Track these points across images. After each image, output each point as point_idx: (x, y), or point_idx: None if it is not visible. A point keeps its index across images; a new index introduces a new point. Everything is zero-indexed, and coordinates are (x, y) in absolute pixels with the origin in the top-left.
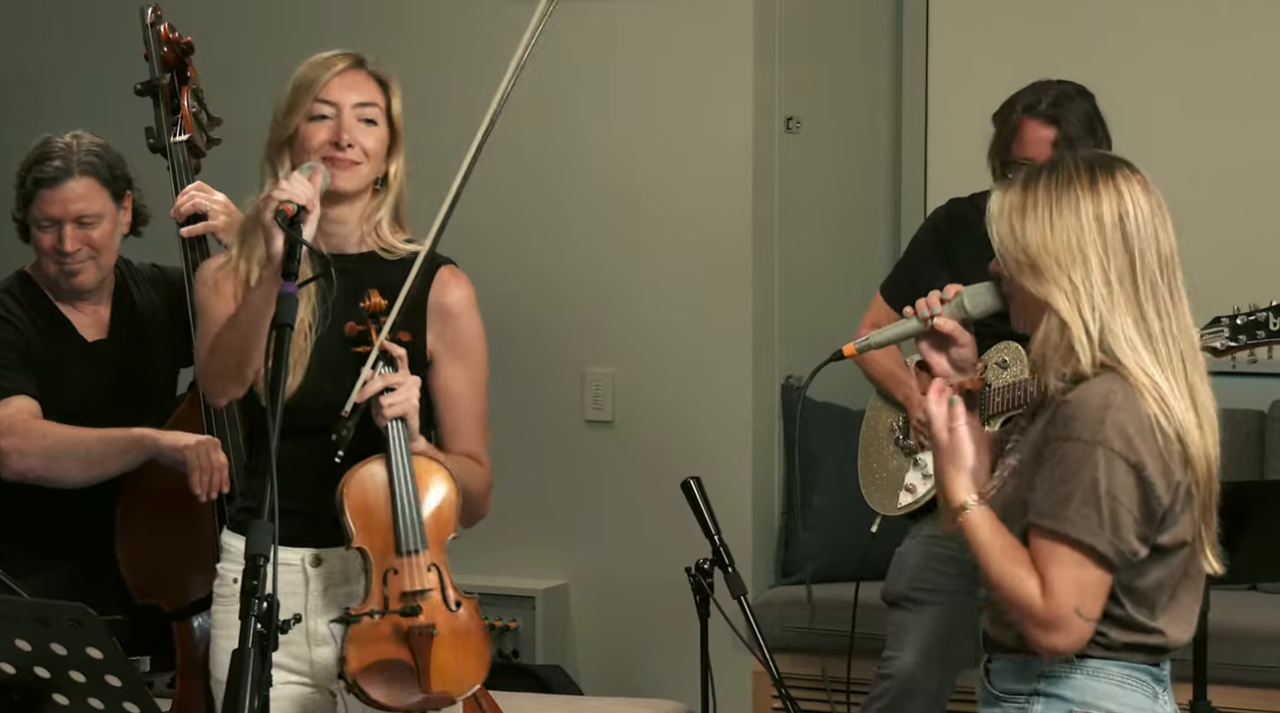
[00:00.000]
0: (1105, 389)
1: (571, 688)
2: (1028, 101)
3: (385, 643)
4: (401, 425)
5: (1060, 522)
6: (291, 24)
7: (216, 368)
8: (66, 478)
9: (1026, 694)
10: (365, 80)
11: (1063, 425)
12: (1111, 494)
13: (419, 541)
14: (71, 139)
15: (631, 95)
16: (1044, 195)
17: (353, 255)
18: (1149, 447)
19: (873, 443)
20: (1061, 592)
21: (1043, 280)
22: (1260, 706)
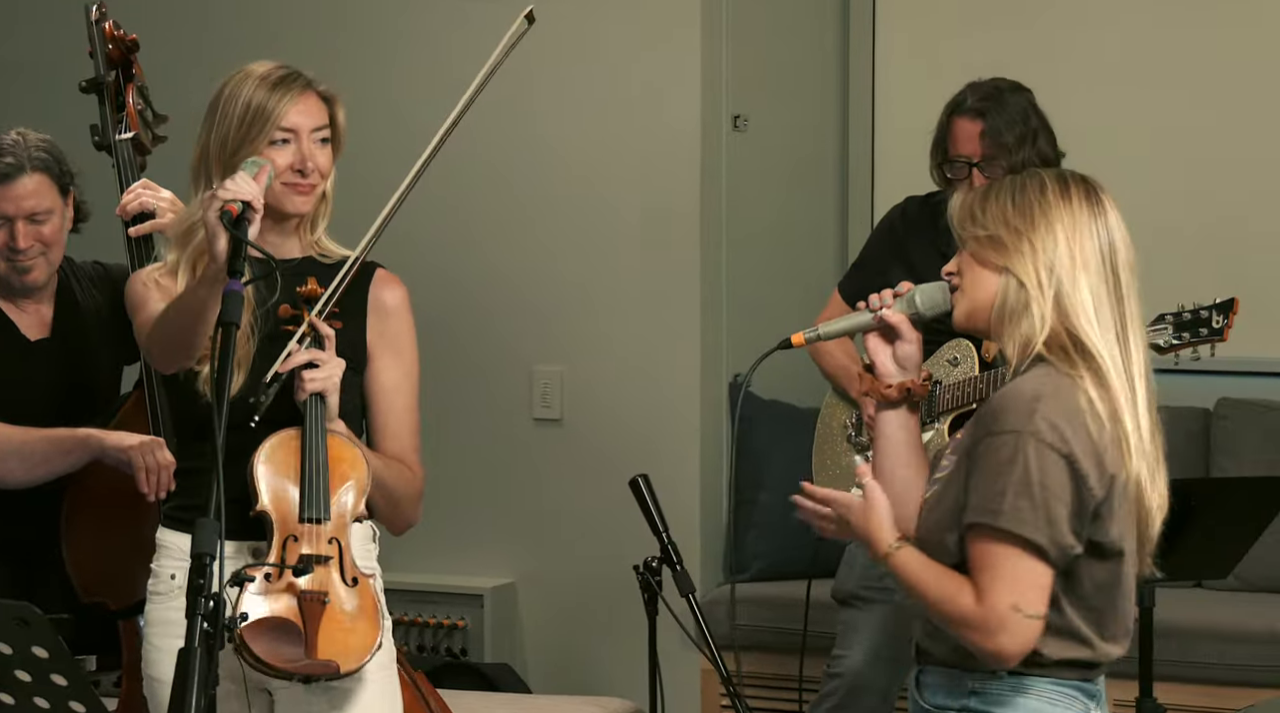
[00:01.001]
0: (1035, 382)
1: (520, 687)
2: (956, 101)
3: (278, 604)
4: (320, 402)
5: (995, 518)
6: (236, 21)
7: (160, 350)
8: (10, 478)
9: (956, 710)
10: (317, 102)
11: (991, 420)
12: (1044, 485)
13: (322, 510)
14: (18, 135)
15: (579, 94)
16: (1007, 185)
17: (291, 260)
18: (1080, 438)
19: (827, 439)
20: (996, 590)
21: (1002, 249)
22: (1206, 702)
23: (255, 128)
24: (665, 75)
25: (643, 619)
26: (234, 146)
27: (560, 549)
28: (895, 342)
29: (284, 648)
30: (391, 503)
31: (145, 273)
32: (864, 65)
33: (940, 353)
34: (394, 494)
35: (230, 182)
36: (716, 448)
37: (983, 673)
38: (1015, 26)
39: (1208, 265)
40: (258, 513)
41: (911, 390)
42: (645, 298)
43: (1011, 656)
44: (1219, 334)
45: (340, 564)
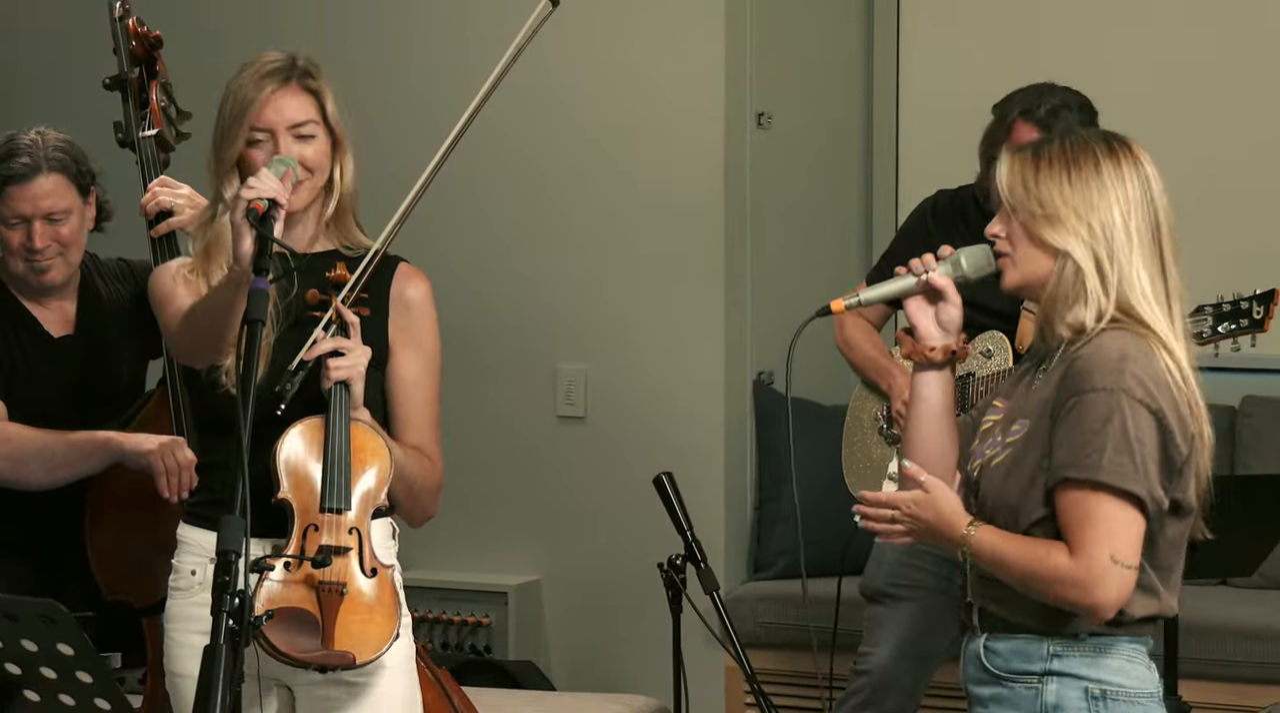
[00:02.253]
0: (1119, 343)
1: (544, 684)
2: (1026, 104)
3: (294, 592)
4: (344, 390)
5: (1098, 471)
6: (259, 16)
7: (188, 347)
8: (31, 481)
9: (1039, 674)
10: (295, 96)
11: (1080, 379)
12: (1140, 440)
13: (343, 500)
14: (36, 135)
15: (604, 93)
16: (1059, 155)
17: (316, 254)
18: (1166, 396)
19: (856, 433)
20: (1093, 541)
21: (1060, 229)
22: (1230, 700)
23: (235, 126)
24: (689, 74)
25: (667, 617)
26: (223, 143)
27: (584, 547)
28: (938, 304)
29: (300, 638)
30: (412, 494)
31: (170, 268)
32: (888, 62)
33: (973, 345)
34: (414, 485)
35: (255, 179)
36: (741, 445)
37: (1063, 637)
38: (1043, 22)
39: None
40: (278, 501)
41: (955, 353)
42: (669, 296)
43: (1110, 607)
44: (1260, 325)
45: (360, 555)
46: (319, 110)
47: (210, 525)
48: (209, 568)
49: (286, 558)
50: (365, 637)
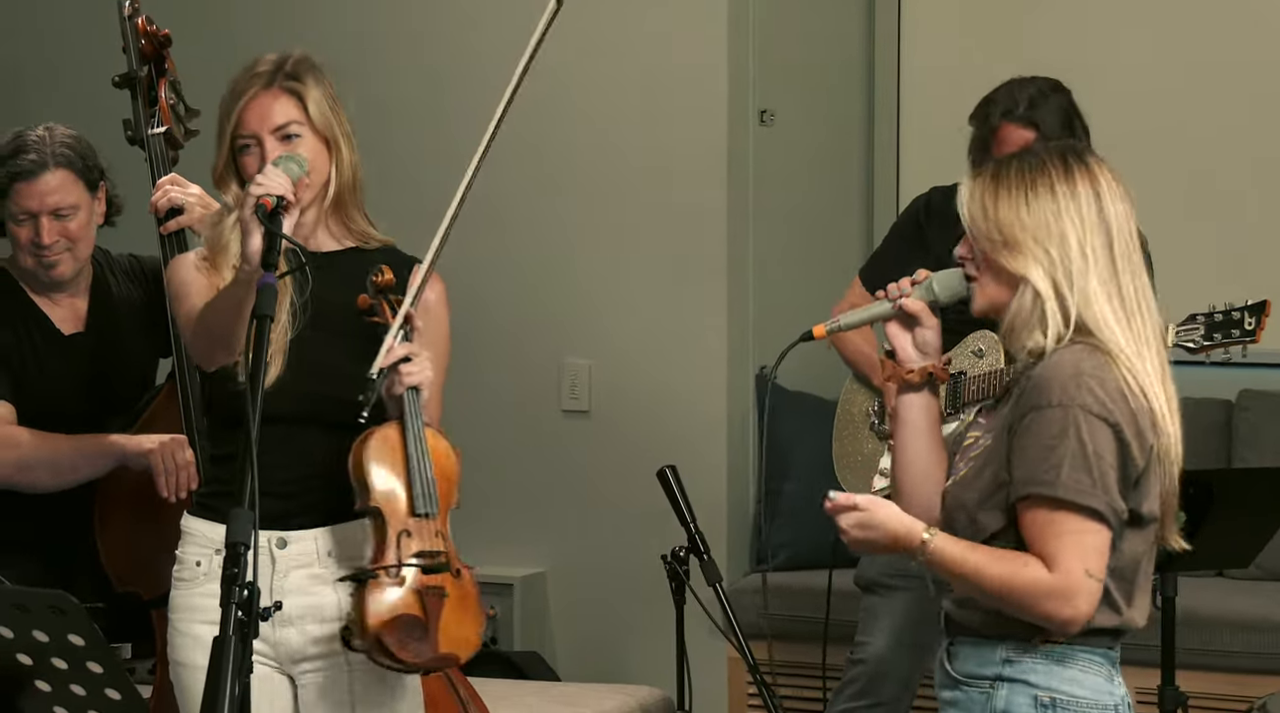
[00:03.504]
0: (1074, 357)
1: (549, 675)
2: (1005, 105)
3: (402, 600)
4: (415, 395)
5: (1055, 488)
6: (268, 15)
7: (201, 346)
8: (38, 486)
9: (990, 679)
10: (275, 99)
11: (1035, 395)
12: (1098, 454)
13: (432, 504)
14: (44, 132)
15: (608, 90)
16: (1016, 178)
17: (330, 253)
18: (1122, 408)
19: (848, 427)
20: (1069, 557)
21: (1018, 254)
22: (1227, 690)
23: (222, 134)
24: (693, 72)
25: (670, 608)
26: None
27: (589, 539)
28: (915, 328)
29: (415, 644)
30: None
31: (188, 260)
32: (889, 60)
33: (965, 344)
34: None
35: (263, 176)
36: (743, 439)
37: (1016, 642)
38: (1043, 20)
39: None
40: (368, 509)
41: (933, 375)
42: (672, 291)
43: (1081, 619)
44: (1250, 336)
45: (448, 557)
46: (302, 111)
47: (217, 518)
48: (214, 559)
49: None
50: (464, 637)
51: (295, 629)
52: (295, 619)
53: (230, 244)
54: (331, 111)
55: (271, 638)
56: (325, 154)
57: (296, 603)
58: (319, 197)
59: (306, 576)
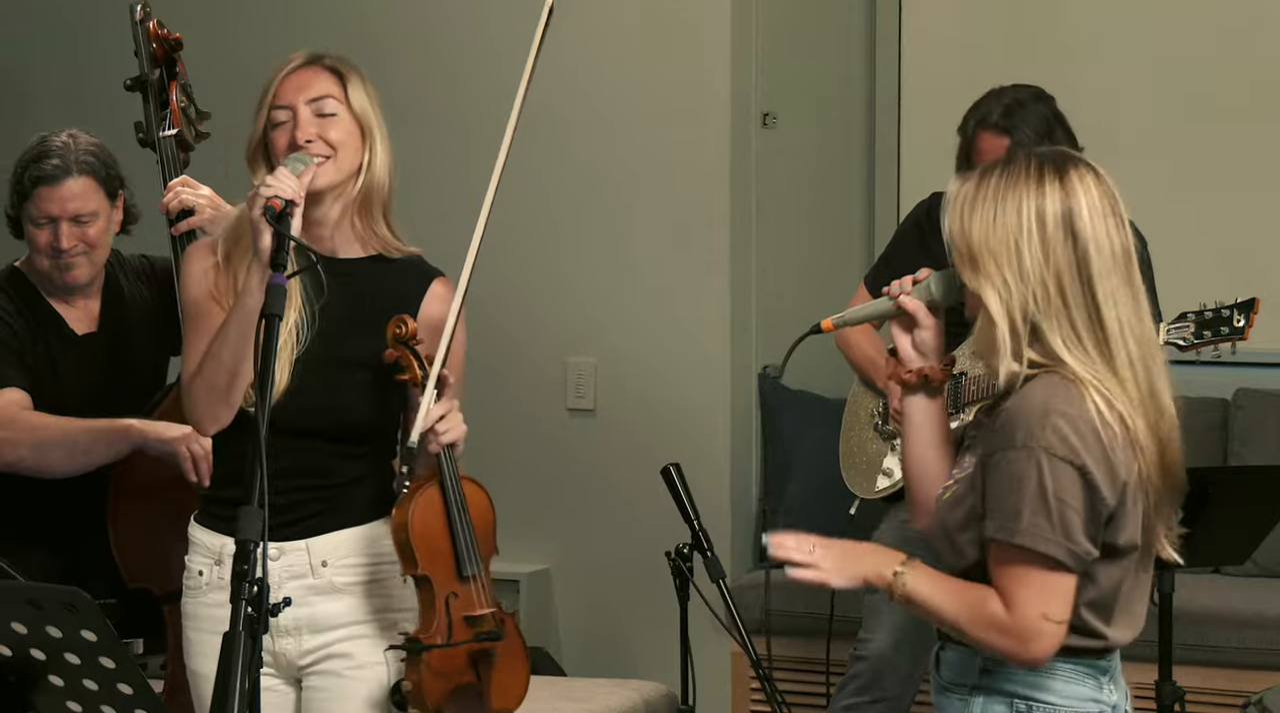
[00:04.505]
0: (1045, 392)
1: (555, 670)
2: (981, 114)
3: (456, 667)
4: (451, 451)
5: (1015, 535)
6: (279, 19)
7: (203, 388)
8: (55, 468)
9: (969, 687)
10: (317, 75)
11: (1003, 435)
12: (1059, 498)
13: (477, 564)
14: (68, 138)
15: (613, 92)
16: (993, 190)
17: (353, 261)
18: (1091, 448)
19: (854, 428)
20: (1025, 601)
21: (978, 275)
22: (1223, 685)
23: (259, 105)
24: (697, 76)
25: (674, 604)
26: (253, 128)
27: (594, 536)
28: (913, 329)
29: (471, 707)
30: None
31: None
32: (890, 63)
33: (967, 344)
34: None
35: (272, 178)
36: (746, 436)
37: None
38: (1043, 23)
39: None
40: (416, 577)
41: (929, 376)
42: (676, 291)
43: (1042, 660)
44: (1239, 333)
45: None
46: (341, 90)
47: (220, 527)
48: (214, 570)
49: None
50: (513, 686)
51: (293, 640)
52: (292, 630)
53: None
54: (370, 104)
55: (271, 649)
56: (359, 141)
57: (293, 614)
58: (346, 190)
59: (302, 587)
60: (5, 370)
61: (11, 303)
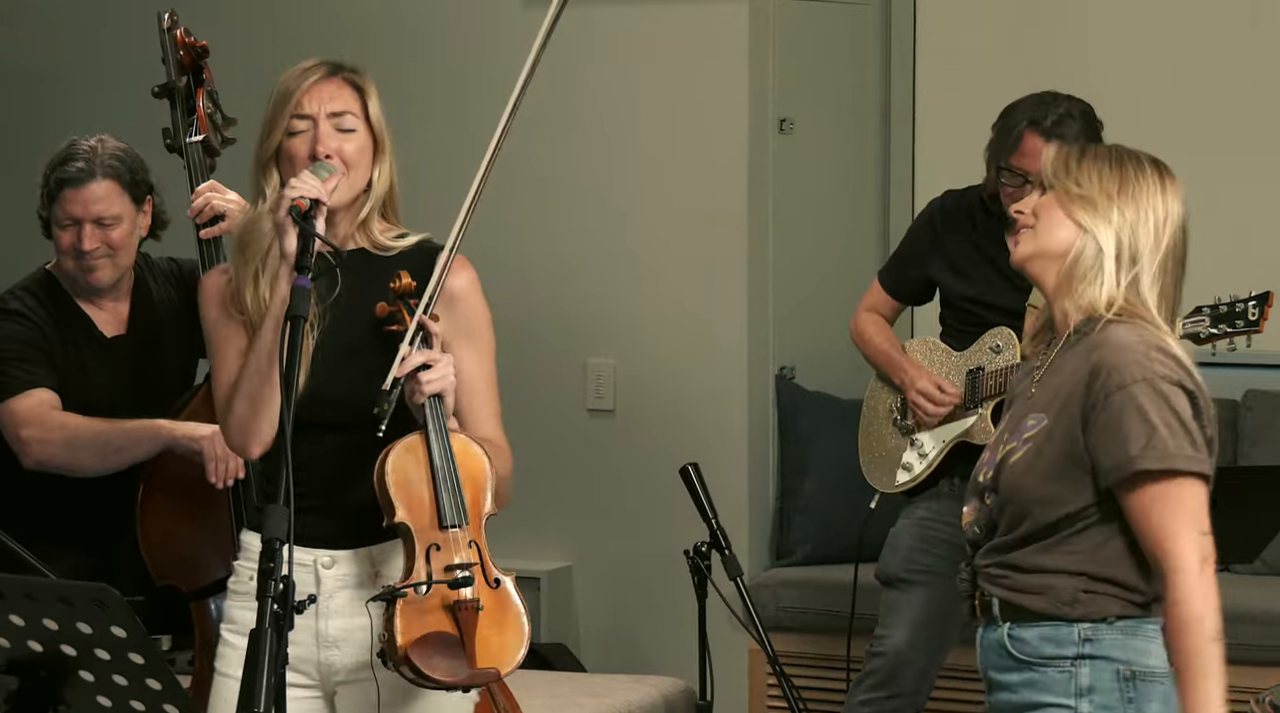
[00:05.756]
0: (1137, 334)
1: (575, 666)
2: (1033, 115)
3: (433, 616)
4: (438, 402)
5: (1168, 460)
6: (304, 27)
7: (243, 404)
8: (85, 467)
9: (1071, 659)
10: (339, 88)
11: (1112, 375)
12: (1188, 421)
13: (460, 516)
14: (96, 142)
15: (632, 97)
16: (1105, 153)
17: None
18: (1189, 377)
19: (873, 423)
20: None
21: (1091, 210)
22: (1233, 681)
23: (275, 113)
24: (716, 82)
25: (693, 602)
26: (266, 135)
27: (614, 534)
28: None
29: (446, 660)
30: (499, 488)
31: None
32: (905, 70)
33: (983, 341)
34: (500, 479)
35: (297, 180)
36: (763, 436)
37: (1093, 621)
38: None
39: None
40: (394, 525)
41: None
42: (695, 294)
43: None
44: (1255, 326)
45: (483, 568)
46: (361, 106)
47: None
48: None
49: (422, 583)
50: (503, 648)
51: (339, 652)
52: (340, 642)
53: (262, 239)
54: (382, 116)
55: (315, 659)
56: (370, 156)
57: (343, 625)
58: (357, 204)
59: (352, 597)
60: (36, 371)
61: (42, 305)
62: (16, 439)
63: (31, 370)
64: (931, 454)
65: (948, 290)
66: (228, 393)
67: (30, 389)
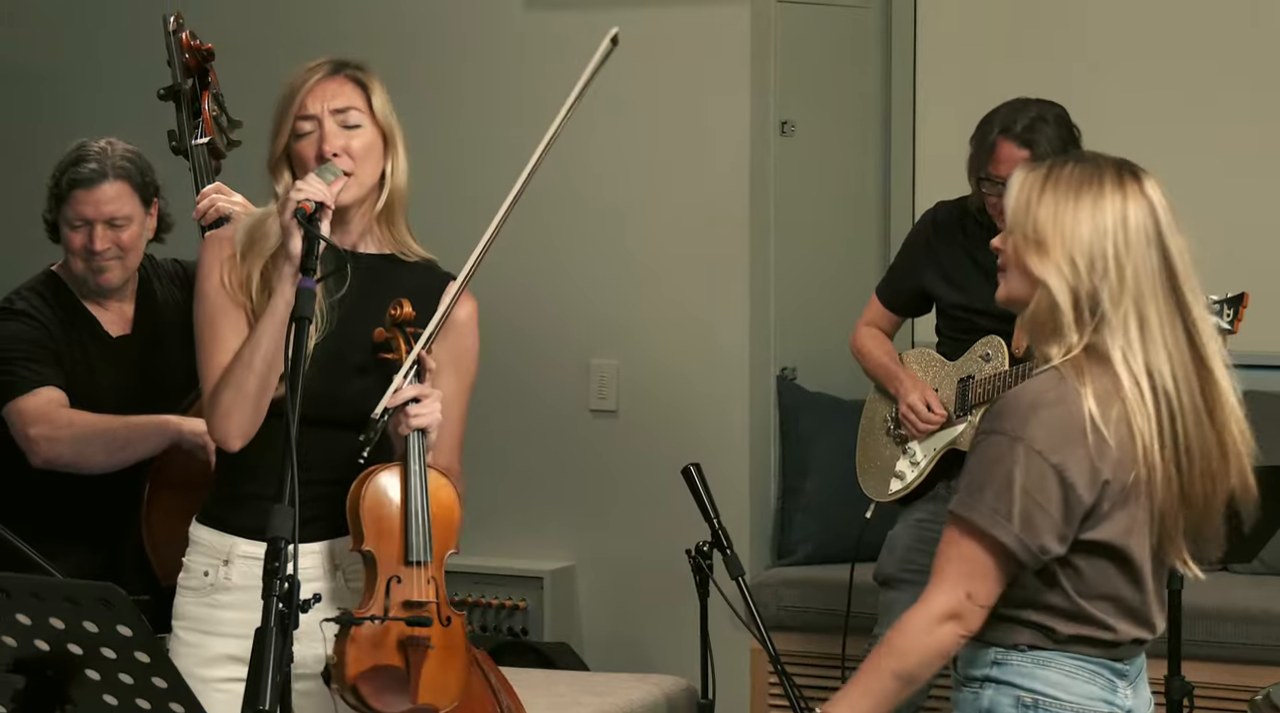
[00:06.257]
0: (1039, 386)
1: (578, 665)
2: (1004, 123)
3: (384, 650)
4: (421, 437)
5: (970, 510)
6: (307, 28)
7: (231, 395)
8: (92, 464)
9: (980, 680)
10: (341, 85)
11: (991, 419)
12: (1028, 491)
13: (426, 552)
14: (106, 144)
15: (635, 100)
16: (1067, 181)
17: (371, 255)
18: (1073, 448)
19: (870, 433)
20: (956, 575)
21: (1044, 259)
22: (1232, 680)
23: (281, 115)
24: (718, 85)
25: (695, 601)
26: (274, 137)
27: (616, 534)
28: None
29: (391, 695)
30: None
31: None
32: (905, 73)
33: (974, 350)
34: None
35: (303, 182)
36: (765, 437)
37: (1004, 646)
38: (1056, 36)
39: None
40: (361, 552)
41: None
42: (696, 295)
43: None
44: (1229, 328)
45: (437, 605)
46: (365, 101)
47: (221, 526)
48: (220, 570)
49: (381, 617)
50: (445, 685)
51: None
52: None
53: (269, 238)
54: (390, 110)
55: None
56: (381, 151)
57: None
58: (370, 199)
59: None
60: (43, 370)
61: (48, 306)
62: (25, 438)
63: (39, 370)
64: (922, 463)
65: (942, 300)
66: (216, 379)
67: (38, 388)
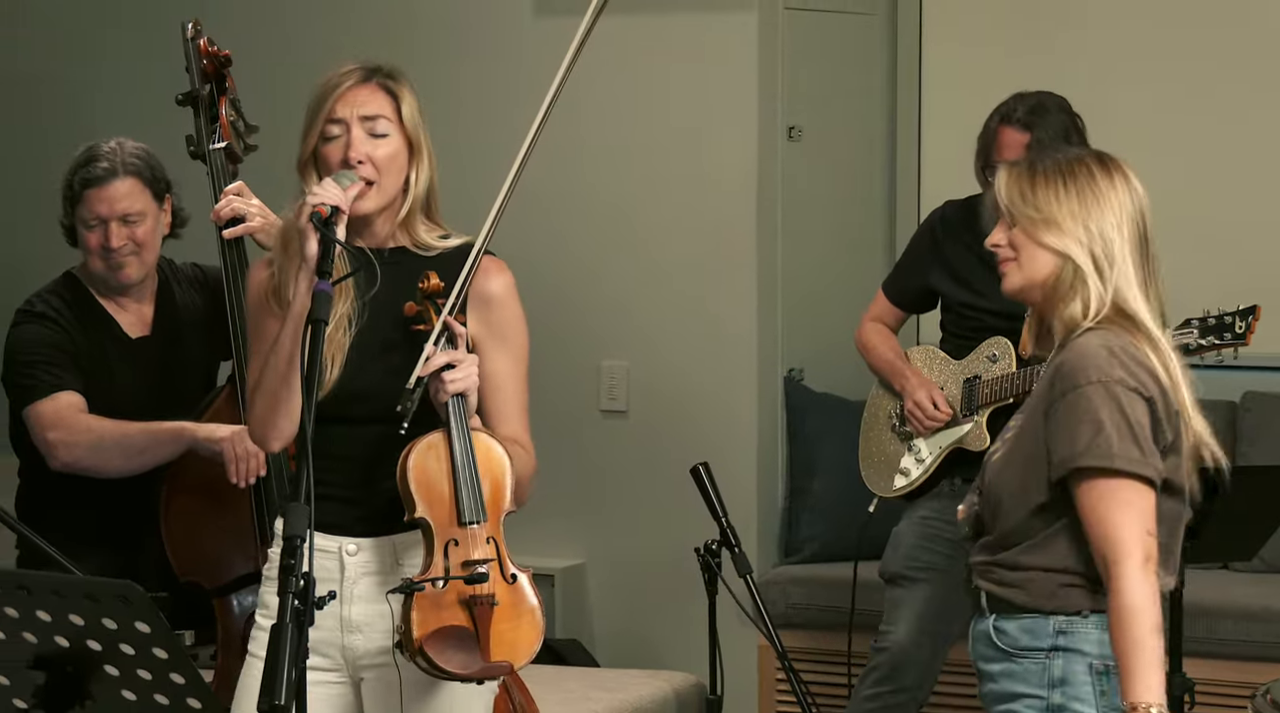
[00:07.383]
0: (1102, 339)
1: (589, 661)
2: (1005, 110)
3: (449, 611)
4: (461, 401)
5: (1110, 459)
6: (325, 35)
7: (263, 399)
8: (110, 468)
9: (1046, 650)
10: (372, 93)
11: (1070, 377)
12: (1139, 424)
13: (479, 512)
14: (115, 144)
15: (644, 103)
16: (1053, 168)
17: (385, 251)
18: (1153, 384)
19: (873, 428)
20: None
21: (1057, 232)
22: (1232, 677)
23: (311, 118)
24: (726, 90)
25: (703, 598)
26: (302, 141)
27: (626, 533)
28: None
29: (459, 653)
30: (519, 487)
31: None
32: (911, 79)
33: (980, 350)
34: (520, 478)
35: (319, 187)
36: (772, 437)
37: (1067, 614)
38: (1059, 40)
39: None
40: (414, 520)
41: None
42: (706, 297)
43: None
44: (1241, 339)
45: (500, 563)
46: (394, 110)
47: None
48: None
49: (439, 578)
50: (517, 643)
51: (362, 636)
52: (363, 627)
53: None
54: (419, 118)
55: (339, 643)
56: (406, 159)
57: (365, 610)
58: (394, 206)
59: (375, 584)
60: (61, 375)
61: (68, 308)
62: (44, 441)
63: (58, 374)
64: (928, 460)
65: (948, 297)
66: (252, 387)
67: (56, 392)
